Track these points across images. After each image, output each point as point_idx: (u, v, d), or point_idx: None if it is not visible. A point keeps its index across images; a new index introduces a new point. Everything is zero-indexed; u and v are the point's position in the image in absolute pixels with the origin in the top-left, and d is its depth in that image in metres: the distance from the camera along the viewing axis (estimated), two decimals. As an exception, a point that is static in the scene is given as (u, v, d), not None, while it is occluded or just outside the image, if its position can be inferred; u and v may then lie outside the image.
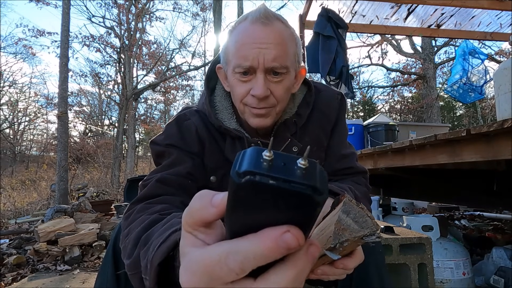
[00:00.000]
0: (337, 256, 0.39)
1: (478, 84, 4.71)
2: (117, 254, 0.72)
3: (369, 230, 0.38)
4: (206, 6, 13.48)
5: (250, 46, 0.68)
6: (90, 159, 12.20)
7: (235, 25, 0.73)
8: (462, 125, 14.82)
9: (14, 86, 15.42)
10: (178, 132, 0.79)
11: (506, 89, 2.08)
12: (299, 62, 0.77)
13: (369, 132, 3.73)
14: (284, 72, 0.71)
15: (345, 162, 0.86)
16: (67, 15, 6.36)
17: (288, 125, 0.81)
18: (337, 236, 0.38)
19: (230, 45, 0.73)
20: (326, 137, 0.86)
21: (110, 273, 0.72)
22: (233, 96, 0.77)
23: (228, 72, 0.75)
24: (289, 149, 0.79)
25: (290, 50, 0.72)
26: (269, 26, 0.69)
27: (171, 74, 13.65)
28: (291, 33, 0.73)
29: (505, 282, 1.80)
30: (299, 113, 0.82)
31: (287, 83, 0.73)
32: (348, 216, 0.38)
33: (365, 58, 14.88)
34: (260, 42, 0.68)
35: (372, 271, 0.72)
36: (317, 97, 0.86)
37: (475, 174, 2.05)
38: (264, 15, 0.69)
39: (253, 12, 0.71)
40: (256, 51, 0.68)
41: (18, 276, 2.44)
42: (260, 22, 0.69)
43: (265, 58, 0.68)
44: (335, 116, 0.87)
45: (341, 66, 3.50)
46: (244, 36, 0.69)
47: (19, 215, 5.70)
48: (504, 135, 1.12)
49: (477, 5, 4.13)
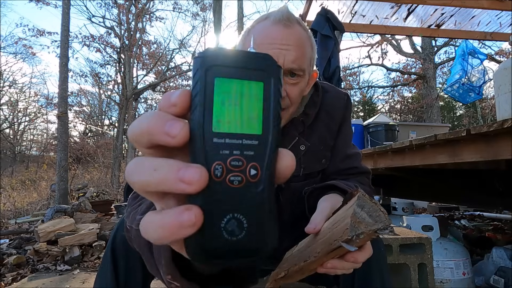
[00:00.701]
0: (353, 247, 0.41)
1: (478, 84, 4.70)
2: (116, 254, 0.73)
3: (382, 224, 0.40)
4: (206, 6, 13.49)
5: (271, 46, 0.69)
6: (90, 159, 12.20)
7: (253, 24, 0.74)
8: (462, 125, 14.82)
9: (14, 86, 15.43)
10: None
11: (506, 89, 2.08)
12: (312, 66, 0.79)
13: (369, 132, 3.74)
14: (301, 75, 0.73)
15: (350, 162, 0.87)
16: (67, 15, 6.36)
17: (296, 124, 0.82)
18: (354, 228, 0.40)
19: (248, 43, 0.73)
20: (332, 137, 0.87)
21: (110, 273, 0.73)
22: None
23: None
24: (297, 147, 0.80)
25: (307, 53, 0.74)
26: (290, 29, 0.70)
27: (171, 74, 13.66)
28: (309, 37, 0.75)
29: (505, 282, 1.80)
30: (307, 113, 0.83)
31: (302, 86, 0.75)
32: (363, 210, 0.40)
33: (365, 58, 14.92)
34: (281, 43, 0.69)
35: (374, 270, 0.73)
36: (323, 97, 0.87)
37: (475, 174, 2.05)
38: (287, 17, 0.70)
39: (275, 13, 0.72)
40: (277, 52, 0.68)
41: (18, 276, 2.44)
42: (283, 24, 0.70)
43: (286, 59, 0.69)
44: (341, 116, 0.88)
45: (335, 67, 3.52)
46: (265, 36, 0.70)
47: (19, 215, 5.70)
48: (504, 135, 1.12)
49: (477, 5, 4.13)
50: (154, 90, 14.43)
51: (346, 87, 13.55)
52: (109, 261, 0.73)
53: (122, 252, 0.73)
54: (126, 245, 0.69)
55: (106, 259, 0.74)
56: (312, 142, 0.83)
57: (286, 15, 0.70)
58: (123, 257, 0.73)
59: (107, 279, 0.73)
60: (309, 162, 0.83)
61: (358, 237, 0.40)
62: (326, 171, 0.88)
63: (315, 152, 0.84)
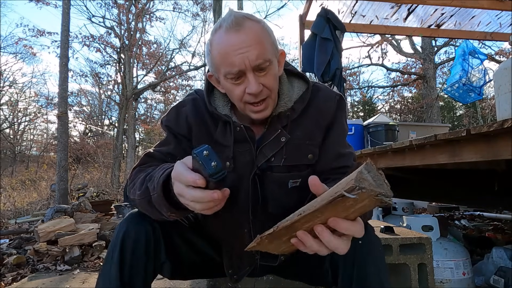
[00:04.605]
0: (354, 195, 0.43)
1: (478, 85, 4.70)
2: (124, 253, 0.77)
3: (384, 191, 0.42)
4: (206, 6, 13.46)
5: (233, 53, 0.76)
6: (90, 159, 12.20)
7: (212, 36, 0.81)
8: (462, 125, 14.81)
9: (14, 86, 15.42)
10: (175, 116, 0.93)
11: (506, 89, 2.08)
12: (277, 48, 0.84)
13: (369, 132, 3.73)
14: (268, 64, 0.79)
15: (342, 161, 0.88)
16: (67, 15, 6.36)
17: (281, 118, 0.88)
18: (358, 181, 0.42)
19: (214, 55, 0.80)
20: (321, 134, 0.90)
21: (115, 272, 0.76)
22: (232, 98, 0.85)
23: (220, 78, 0.84)
24: (278, 139, 0.87)
25: (267, 42, 0.79)
26: (242, 31, 0.76)
27: (171, 74, 13.64)
28: (262, 26, 0.80)
29: (505, 282, 1.81)
30: (294, 108, 0.89)
31: (273, 72, 0.81)
32: (369, 173, 0.43)
33: (365, 58, 14.92)
34: (240, 48, 0.75)
35: (373, 271, 0.73)
36: (315, 95, 0.92)
37: (475, 174, 2.05)
38: (235, 21, 0.76)
39: (224, 19, 0.78)
40: (240, 57, 0.75)
41: (18, 276, 2.44)
42: (234, 30, 0.76)
43: (249, 60, 0.76)
44: (332, 115, 0.91)
45: (335, 69, 3.52)
46: (224, 46, 0.77)
47: (19, 215, 5.70)
48: (504, 135, 1.12)
49: (477, 5, 4.13)
50: (154, 90, 14.43)
51: (346, 87, 13.53)
52: (116, 260, 0.76)
53: (130, 246, 0.78)
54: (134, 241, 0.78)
55: (111, 259, 0.77)
56: (295, 136, 0.88)
57: (234, 20, 0.76)
58: (131, 252, 0.78)
59: (111, 279, 0.76)
60: (291, 154, 0.87)
61: (360, 189, 0.42)
62: (317, 168, 0.89)
63: (299, 145, 0.88)
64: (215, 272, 1.00)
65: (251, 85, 0.77)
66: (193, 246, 0.94)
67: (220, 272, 0.97)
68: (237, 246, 0.93)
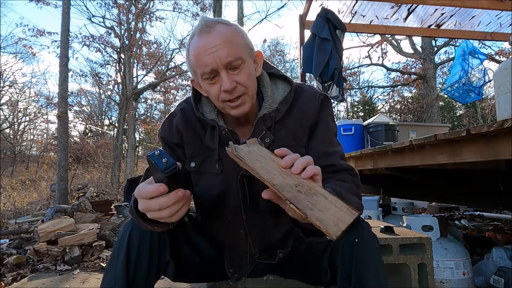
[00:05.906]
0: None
1: (478, 85, 4.69)
2: (130, 251, 0.79)
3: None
4: (206, 6, 13.46)
5: (204, 54, 0.80)
6: (90, 159, 12.19)
7: (188, 44, 0.87)
8: (462, 125, 14.82)
9: (14, 86, 15.42)
10: (167, 127, 0.98)
11: (506, 89, 2.08)
12: (252, 49, 0.88)
13: (369, 132, 3.73)
14: (241, 63, 0.82)
15: (328, 160, 0.89)
16: (67, 15, 6.36)
17: (266, 119, 0.91)
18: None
19: (190, 60, 0.85)
20: (305, 134, 0.92)
21: (121, 270, 0.77)
22: (212, 99, 0.89)
23: (199, 81, 0.88)
24: (263, 140, 0.89)
25: (239, 42, 0.84)
26: (211, 32, 0.81)
27: (171, 74, 13.64)
28: (234, 29, 0.85)
29: (505, 282, 1.81)
30: (278, 109, 0.92)
31: (247, 70, 0.84)
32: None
33: (365, 58, 14.92)
34: (210, 48, 0.80)
35: (370, 270, 0.74)
36: (299, 95, 0.94)
37: (475, 174, 2.05)
38: (205, 24, 0.82)
39: (197, 26, 0.84)
40: (211, 56, 0.80)
41: (18, 276, 2.44)
42: (204, 32, 0.81)
43: (220, 58, 0.80)
44: (315, 115, 0.93)
45: (333, 69, 3.52)
46: (197, 48, 0.82)
47: (19, 215, 5.70)
48: (504, 135, 1.12)
49: (477, 5, 4.13)
50: (154, 90, 14.44)
51: (346, 87, 13.53)
52: (122, 259, 0.78)
53: (135, 245, 0.80)
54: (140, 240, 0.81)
55: (118, 258, 0.79)
56: (279, 136, 0.91)
57: (204, 24, 0.82)
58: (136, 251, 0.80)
59: (117, 277, 0.77)
60: None
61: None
62: None
63: (283, 145, 0.88)
64: (217, 273, 1.00)
65: (224, 82, 0.81)
66: (195, 246, 0.95)
67: (221, 274, 0.98)
68: (237, 246, 0.95)
